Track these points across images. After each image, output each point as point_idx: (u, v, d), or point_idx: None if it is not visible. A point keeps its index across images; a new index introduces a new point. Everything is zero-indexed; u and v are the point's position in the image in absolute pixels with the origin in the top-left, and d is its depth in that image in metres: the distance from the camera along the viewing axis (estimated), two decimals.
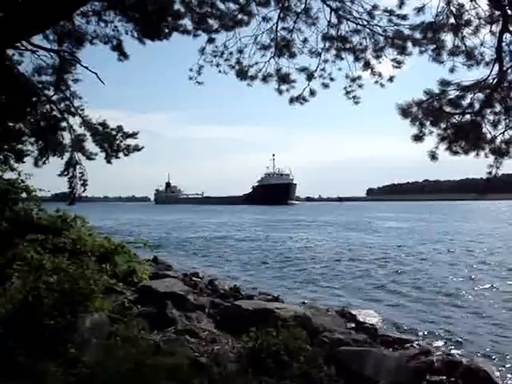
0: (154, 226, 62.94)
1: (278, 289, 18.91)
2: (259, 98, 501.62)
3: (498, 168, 9.01)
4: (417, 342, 11.89)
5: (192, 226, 62.30)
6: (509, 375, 10.05)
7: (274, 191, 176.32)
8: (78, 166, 13.97)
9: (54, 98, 13.61)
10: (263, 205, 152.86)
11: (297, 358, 7.17)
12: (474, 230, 50.89)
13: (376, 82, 10.85)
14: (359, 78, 11.05)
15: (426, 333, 13.10)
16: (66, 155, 13.97)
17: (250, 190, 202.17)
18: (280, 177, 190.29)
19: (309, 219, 77.25)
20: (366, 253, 32.00)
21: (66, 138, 13.92)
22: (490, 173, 9.09)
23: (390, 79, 10.78)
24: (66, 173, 13.91)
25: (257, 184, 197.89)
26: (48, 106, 13.54)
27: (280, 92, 11.31)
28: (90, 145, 13.99)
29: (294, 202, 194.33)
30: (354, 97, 11.21)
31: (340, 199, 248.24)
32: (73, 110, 13.81)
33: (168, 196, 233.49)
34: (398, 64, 10.37)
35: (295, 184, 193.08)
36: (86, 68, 12.80)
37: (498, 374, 9.86)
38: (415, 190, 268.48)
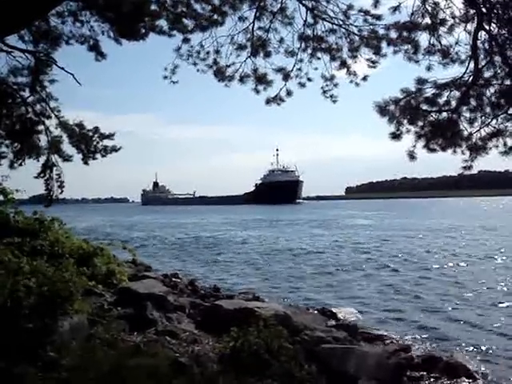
0: (138, 227, 62.63)
1: (258, 288, 18.90)
2: (234, 98, 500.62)
3: (472, 163, 9.13)
4: (397, 339, 11.98)
5: (177, 227, 62.09)
6: (488, 369, 10.14)
7: (279, 189, 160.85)
8: (54, 168, 13.85)
9: (30, 99, 13.47)
10: (268, 204, 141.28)
11: (278, 356, 7.18)
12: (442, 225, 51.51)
13: (351, 81, 10.90)
14: (335, 76, 11.11)
15: (405, 329, 13.20)
16: (43, 157, 13.85)
17: (253, 189, 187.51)
18: (285, 173, 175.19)
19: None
20: (341, 251, 32.36)
21: (43, 139, 13.80)
22: (464, 167, 9.20)
23: (364, 78, 10.85)
24: (42, 175, 13.79)
25: (260, 182, 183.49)
26: (24, 108, 13.40)
27: (257, 92, 11.29)
28: (67, 146, 13.89)
29: (301, 201, 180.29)
30: (331, 96, 11.24)
31: (319, 198, 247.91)
32: (49, 111, 13.68)
33: (156, 196, 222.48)
34: (374, 63, 10.44)
35: (302, 181, 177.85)
36: (62, 69, 12.71)
37: (477, 368, 9.98)
38: (393, 188, 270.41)
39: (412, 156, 9.21)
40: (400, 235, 42.89)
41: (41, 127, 13.70)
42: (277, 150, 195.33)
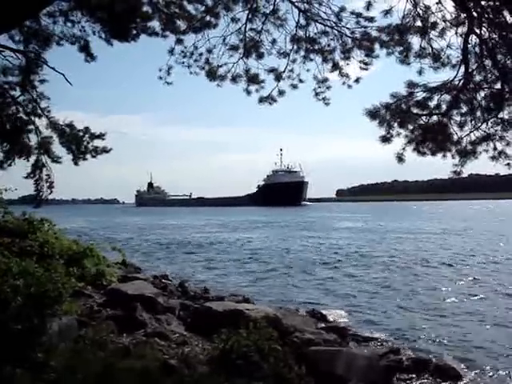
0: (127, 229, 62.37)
1: (248, 290, 18.90)
2: (229, 99, 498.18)
3: (462, 167, 9.17)
4: (387, 341, 12.00)
5: (169, 229, 61.83)
6: (477, 372, 10.16)
7: (283, 190, 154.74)
8: (44, 168, 13.77)
9: (20, 99, 13.40)
10: (271, 206, 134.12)
11: (268, 358, 7.17)
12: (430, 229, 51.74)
13: (343, 83, 10.92)
14: (328, 79, 11.12)
15: (395, 331, 13.20)
16: (33, 157, 13.78)
17: (255, 190, 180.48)
18: (289, 174, 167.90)
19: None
20: (331, 253, 32.33)
21: (33, 139, 13.72)
22: (454, 172, 9.24)
23: (357, 80, 10.88)
24: (32, 175, 13.71)
25: (263, 183, 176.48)
26: (14, 108, 13.33)
27: (249, 92, 11.30)
28: (57, 146, 13.81)
29: (306, 202, 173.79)
30: (323, 98, 11.26)
31: (309, 200, 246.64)
32: (39, 111, 13.60)
33: (151, 197, 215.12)
34: (366, 65, 10.46)
35: (307, 182, 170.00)
36: (53, 69, 12.65)
37: (466, 370, 10.02)
38: (384, 191, 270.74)
39: (400, 158, 9.24)
40: (395, 237, 43.10)
41: (31, 127, 13.63)
42: (280, 149, 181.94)
